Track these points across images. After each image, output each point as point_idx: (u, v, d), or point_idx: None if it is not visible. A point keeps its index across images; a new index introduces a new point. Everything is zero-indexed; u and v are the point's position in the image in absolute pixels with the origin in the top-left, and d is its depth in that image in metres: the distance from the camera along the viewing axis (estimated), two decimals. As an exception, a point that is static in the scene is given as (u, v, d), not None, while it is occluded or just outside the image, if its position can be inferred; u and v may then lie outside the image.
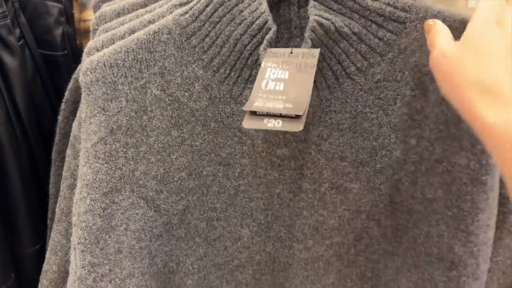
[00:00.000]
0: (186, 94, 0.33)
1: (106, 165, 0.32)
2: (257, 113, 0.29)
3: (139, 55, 0.32)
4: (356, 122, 0.33)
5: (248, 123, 0.29)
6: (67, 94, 0.44)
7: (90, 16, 0.62)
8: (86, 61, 0.33)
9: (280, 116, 0.28)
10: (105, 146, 0.32)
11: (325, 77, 0.32)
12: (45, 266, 0.43)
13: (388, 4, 0.32)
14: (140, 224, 0.35)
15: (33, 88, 0.48)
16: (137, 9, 0.37)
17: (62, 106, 0.44)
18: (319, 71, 0.32)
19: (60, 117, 0.44)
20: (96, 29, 0.37)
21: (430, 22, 0.30)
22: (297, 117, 0.28)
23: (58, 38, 0.52)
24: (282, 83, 0.29)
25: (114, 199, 0.33)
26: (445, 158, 0.32)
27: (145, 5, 0.37)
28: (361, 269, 0.40)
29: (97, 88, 0.31)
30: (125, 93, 0.32)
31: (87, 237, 0.33)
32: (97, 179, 0.32)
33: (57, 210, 0.42)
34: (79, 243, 0.34)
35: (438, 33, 0.28)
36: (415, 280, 0.36)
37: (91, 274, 0.34)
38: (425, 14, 0.32)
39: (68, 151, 0.40)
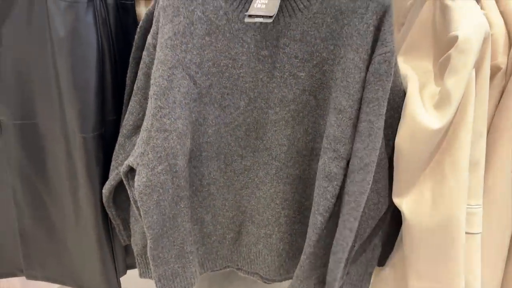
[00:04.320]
0: (215, 16, 0.62)
1: (170, 52, 0.61)
2: (251, 15, 0.58)
3: None
4: (303, 36, 0.62)
5: (247, 19, 0.58)
6: (141, 23, 0.72)
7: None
8: (161, -4, 0.61)
9: (262, 16, 0.58)
10: (171, 41, 0.61)
11: (287, 9, 0.61)
12: (124, 122, 0.73)
13: None
14: (186, 89, 0.64)
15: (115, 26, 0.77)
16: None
17: (138, 29, 0.73)
18: (284, 6, 0.60)
19: (136, 37, 0.73)
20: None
21: None
22: (270, 17, 0.57)
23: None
24: (264, 5, 0.58)
25: (173, 72, 0.62)
26: (344, 56, 0.61)
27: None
28: (305, 127, 0.69)
29: (168, 9, 0.60)
30: (183, 13, 0.61)
31: (158, 91, 0.63)
32: (165, 59, 0.62)
33: (134, 88, 0.71)
34: (154, 94, 0.63)
35: None
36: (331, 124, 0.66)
37: (159, 112, 0.64)
38: None
39: (144, 53, 0.68)
